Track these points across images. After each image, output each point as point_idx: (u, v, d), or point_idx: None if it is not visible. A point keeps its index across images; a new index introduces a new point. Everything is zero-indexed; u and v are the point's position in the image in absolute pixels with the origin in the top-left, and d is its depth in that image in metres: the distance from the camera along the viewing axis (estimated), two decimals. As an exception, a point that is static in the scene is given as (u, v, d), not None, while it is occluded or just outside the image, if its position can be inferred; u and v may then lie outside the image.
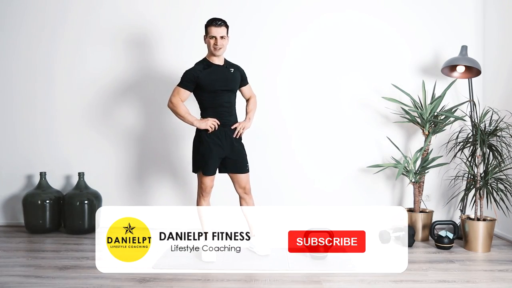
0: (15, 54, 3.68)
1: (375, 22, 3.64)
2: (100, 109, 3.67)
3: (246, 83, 2.96)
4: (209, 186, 2.80)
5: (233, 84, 2.83)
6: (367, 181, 3.65)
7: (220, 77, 2.75)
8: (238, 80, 2.86)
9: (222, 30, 2.71)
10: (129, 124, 3.66)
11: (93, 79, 3.66)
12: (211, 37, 2.71)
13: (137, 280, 2.40)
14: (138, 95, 3.65)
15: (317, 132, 3.65)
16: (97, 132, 3.67)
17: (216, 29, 2.69)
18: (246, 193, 2.93)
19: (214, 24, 2.69)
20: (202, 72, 2.73)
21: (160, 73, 3.62)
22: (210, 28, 2.71)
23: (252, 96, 3.00)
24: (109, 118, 3.66)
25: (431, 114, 3.31)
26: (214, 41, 2.70)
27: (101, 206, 3.56)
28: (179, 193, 3.66)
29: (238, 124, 2.82)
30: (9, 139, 3.70)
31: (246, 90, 2.97)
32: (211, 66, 2.77)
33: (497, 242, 3.21)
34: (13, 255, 2.87)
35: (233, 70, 2.84)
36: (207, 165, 2.74)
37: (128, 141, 3.66)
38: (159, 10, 3.64)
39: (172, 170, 3.66)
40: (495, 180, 3.04)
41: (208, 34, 2.73)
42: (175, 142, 3.65)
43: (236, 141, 2.83)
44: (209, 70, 2.75)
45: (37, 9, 3.65)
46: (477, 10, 3.63)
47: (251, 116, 2.91)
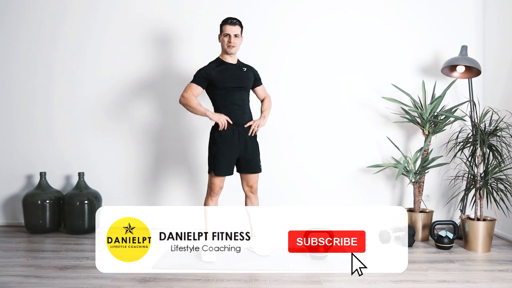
0: (15, 54, 3.68)
1: (375, 22, 3.64)
2: (100, 109, 3.66)
3: (260, 84, 2.97)
4: (218, 186, 2.80)
5: (246, 82, 2.83)
6: (367, 181, 3.65)
7: (232, 75, 2.77)
8: (251, 79, 2.87)
9: (236, 28, 2.74)
10: (129, 124, 3.65)
11: (93, 79, 3.66)
12: (225, 35, 2.74)
13: (137, 280, 2.40)
14: (138, 95, 3.64)
15: (317, 132, 3.65)
16: (97, 132, 3.67)
17: (231, 27, 2.73)
18: (252, 192, 2.94)
19: (229, 23, 2.74)
20: (214, 70, 2.75)
21: (163, 73, 3.62)
22: (225, 26, 2.74)
23: (266, 96, 3.01)
24: (109, 118, 3.66)
25: (431, 114, 3.31)
26: (228, 39, 2.73)
27: (101, 206, 3.56)
28: (179, 193, 3.66)
29: (252, 122, 2.82)
30: (9, 139, 3.70)
31: (260, 90, 2.98)
32: (224, 64, 2.79)
33: (497, 242, 3.21)
34: (13, 255, 2.86)
35: (246, 69, 2.86)
36: (218, 165, 2.75)
37: (128, 141, 3.66)
38: (161, 10, 3.64)
39: (173, 169, 3.66)
40: (495, 180, 3.04)
41: (223, 32, 2.76)
42: (176, 142, 3.65)
43: (250, 140, 2.83)
44: (221, 68, 2.77)
45: (36, 9, 3.65)
46: (477, 10, 3.63)
47: (266, 115, 2.91)
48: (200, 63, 2.95)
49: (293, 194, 3.65)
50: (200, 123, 3.60)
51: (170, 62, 3.62)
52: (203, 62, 2.88)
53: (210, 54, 2.98)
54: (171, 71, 3.62)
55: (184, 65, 3.60)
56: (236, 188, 3.00)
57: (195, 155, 3.62)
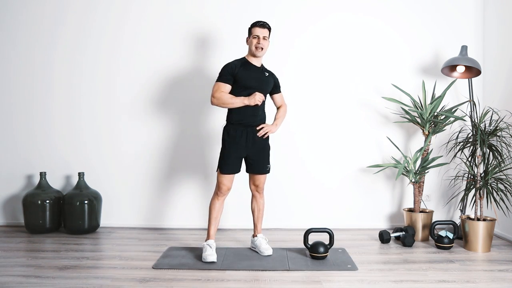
0: (15, 54, 3.68)
1: (375, 22, 3.64)
2: (100, 109, 3.67)
3: (278, 91, 3.00)
4: (225, 186, 2.80)
5: (266, 85, 2.85)
6: (367, 181, 3.65)
7: (255, 77, 2.79)
8: (271, 84, 2.90)
9: (265, 31, 2.78)
10: (129, 124, 3.66)
11: (93, 79, 3.66)
12: (254, 36, 2.76)
13: (137, 280, 2.39)
14: (138, 95, 3.65)
15: (317, 132, 3.66)
16: (97, 132, 3.67)
17: (261, 29, 2.76)
18: (258, 191, 2.96)
19: (258, 25, 2.77)
20: (239, 68, 2.76)
21: (162, 74, 3.63)
22: (255, 29, 2.77)
23: (283, 104, 3.03)
24: (109, 118, 3.66)
25: (431, 114, 3.31)
26: (256, 41, 2.76)
27: (101, 206, 3.56)
28: (180, 193, 3.66)
29: (264, 125, 2.83)
30: (9, 139, 3.70)
31: (278, 98, 3.01)
32: (248, 64, 2.81)
33: (497, 242, 3.21)
34: (13, 255, 2.86)
35: (268, 74, 2.89)
36: (224, 164, 2.77)
37: (128, 141, 3.66)
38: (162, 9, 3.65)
39: (173, 170, 3.66)
40: (495, 180, 3.04)
41: (252, 34, 2.78)
42: (176, 142, 3.65)
43: (259, 142, 2.84)
44: (246, 68, 2.78)
45: (35, 10, 3.65)
46: (477, 10, 3.63)
47: (278, 123, 2.94)
48: (200, 64, 2.96)
49: (294, 193, 3.65)
50: (201, 124, 3.60)
51: (170, 62, 3.62)
52: (204, 64, 2.88)
53: (211, 54, 2.99)
54: (172, 71, 3.62)
55: (185, 65, 3.61)
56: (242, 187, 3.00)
57: (196, 156, 3.62)
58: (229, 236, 3.39)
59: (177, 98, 3.63)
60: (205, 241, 2.81)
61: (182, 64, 3.60)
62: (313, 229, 2.84)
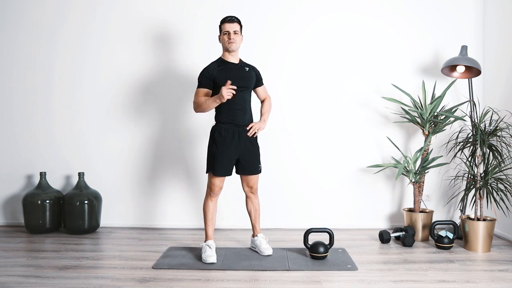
0: (15, 54, 3.68)
1: (375, 22, 3.64)
2: (100, 109, 3.67)
3: (261, 84, 2.96)
4: (217, 186, 2.79)
5: (248, 81, 2.82)
6: (367, 181, 3.65)
7: (235, 75, 2.75)
8: (253, 79, 2.86)
9: (235, 25, 2.74)
10: (129, 124, 3.66)
11: (93, 79, 3.66)
12: (225, 32, 2.74)
13: (137, 280, 2.39)
14: (138, 95, 3.65)
15: (317, 132, 3.65)
16: (97, 132, 3.67)
17: (230, 24, 2.73)
18: (252, 192, 2.94)
19: (227, 20, 2.74)
20: (216, 69, 2.74)
21: (163, 74, 3.63)
22: (224, 25, 2.75)
23: (267, 97, 3.00)
24: (109, 118, 3.66)
25: (431, 114, 3.31)
26: (227, 36, 2.73)
27: (101, 206, 3.56)
28: (179, 193, 3.66)
29: (253, 124, 2.81)
30: (9, 139, 3.70)
31: (261, 91, 2.97)
32: (226, 63, 2.78)
33: (497, 242, 3.21)
34: (13, 255, 2.86)
35: (248, 68, 2.85)
36: (216, 166, 2.74)
37: (128, 141, 3.66)
38: (161, 9, 3.64)
39: (172, 170, 3.66)
40: (495, 180, 3.04)
41: (222, 31, 2.76)
42: (176, 142, 3.65)
43: (250, 142, 2.82)
44: (224, 67, 2.76)
45: (36, 9, 3.65)
46: (477, 10, 3.63)
47: (265, 118, 2.91)
48: (200, 64, 2.96)
49: (293, 194, 3.65)
50: (200, 124, 3.60)
51: (170, 63, 3.62)
52: (204, 63, 2.88)
53: (211, 54, 2.99)
54: (172, 72, 3.62)
55: (185, 66, 3.61)
56: (237, 188, 3.01)
57: (195, 156, 3.62)
58: (228, 236, 3.39)
59: (179, 97, 3.63)
60: (204, 242, 2.81)
61: (182, 63, 3.61)
62: (313, 229, 2.84)
